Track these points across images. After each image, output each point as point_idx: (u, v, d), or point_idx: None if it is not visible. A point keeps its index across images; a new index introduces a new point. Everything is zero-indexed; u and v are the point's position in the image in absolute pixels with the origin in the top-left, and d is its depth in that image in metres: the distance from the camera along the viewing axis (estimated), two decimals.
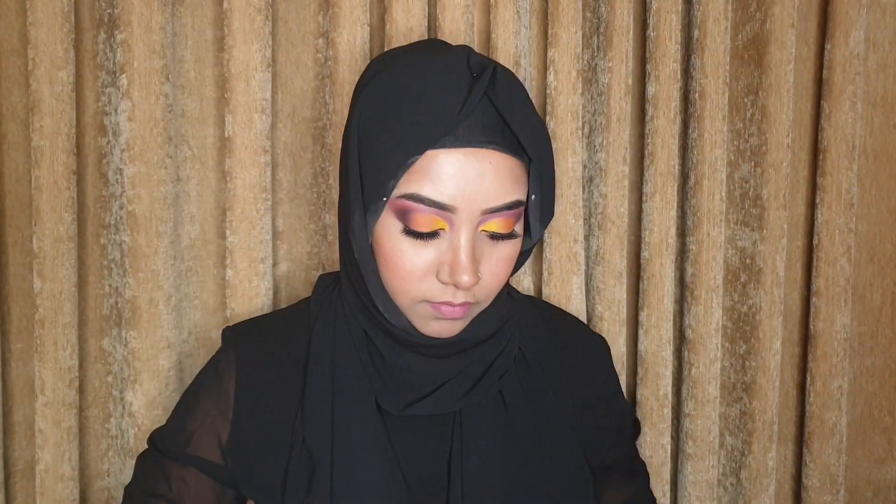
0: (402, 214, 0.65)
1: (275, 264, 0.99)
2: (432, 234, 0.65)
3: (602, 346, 0.87)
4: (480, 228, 0.66)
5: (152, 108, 0.90)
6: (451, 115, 0.63)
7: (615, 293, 1.02)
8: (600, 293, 1.02)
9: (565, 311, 0.90)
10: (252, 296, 0.94)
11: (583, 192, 1.01)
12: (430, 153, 0.63)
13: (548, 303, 0.92)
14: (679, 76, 1.00)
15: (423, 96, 0.64)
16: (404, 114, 0.64)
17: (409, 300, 0.68)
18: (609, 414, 0.84)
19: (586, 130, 1.01)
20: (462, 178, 0.63)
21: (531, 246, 0.74)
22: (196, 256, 0.98)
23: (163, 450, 0.76)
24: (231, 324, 0.91)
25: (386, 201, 0.65)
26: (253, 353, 0.76)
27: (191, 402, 0.77)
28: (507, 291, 0.79)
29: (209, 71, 0.96)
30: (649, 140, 1.01)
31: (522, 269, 1.00)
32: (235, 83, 0.91)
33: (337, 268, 0.98)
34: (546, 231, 0.98)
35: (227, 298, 0.94)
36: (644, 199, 1.02)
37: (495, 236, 0.67)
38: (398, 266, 0.66)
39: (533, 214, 0.70)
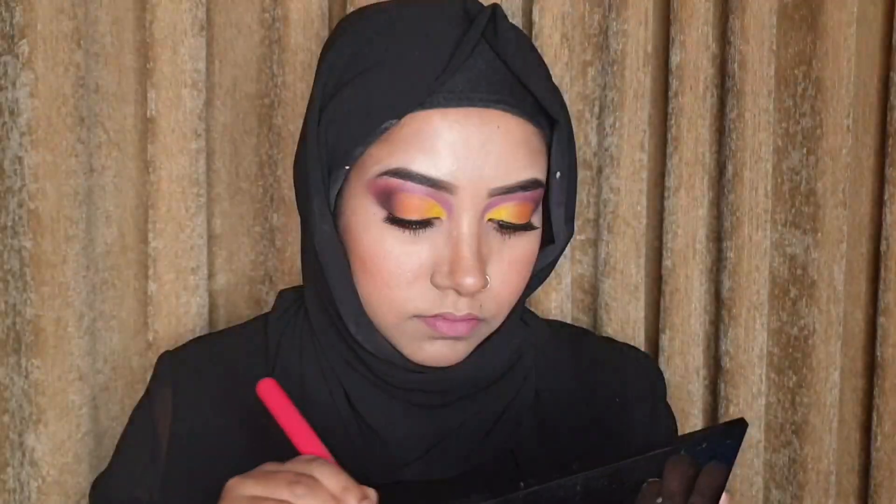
0: (386, 197, 0.58)
1: (211, 276, 0.94)
2: (425, 224, 0.58)
3: (646, 386, 0.75)
4: (487, 216, 0.59)
5: (60, 82, 0.85)
6: (439, 64, 0.56)
7: (630, 311, 0.98)
8: (610, 311, 0.98)
9: (606, 338, 0.84)
10: (181, 314, 0.89)
11: (589, 187, 0.98)
12: (421, 114, 0.57)
13: (576, 326, 0.86)
14: (712, 41, 0.96)
15: (403, 44, 0.58)
16: (380, 67, 0.58)
17: (395, 316, 0.60)
18: None
19: (595, 110, 0.97)
20: (463, 146, 0.57)
21: (558, 253, 0.67)
22: (113, 266, 0.93)
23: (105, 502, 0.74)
24: (155, 347, 0.88)
25: (349, 170, 0.59)
26: (194, 389, 0.71)
27: (127, 449, 0.73)
28: (521, 316, 0.71)
29: (129, 35, 0.91)
30: (673, 122, 0.96)
31: None
32: (160, 51, 0.87)
33: (288, 280, 0.93)
34: None
35: (150, 318, 0.89)
36: (667, 194, 0.98)
37: (505, 227, 0.59)
38: (381, 266, 0.59)
39: (557, 199, 0.63)
